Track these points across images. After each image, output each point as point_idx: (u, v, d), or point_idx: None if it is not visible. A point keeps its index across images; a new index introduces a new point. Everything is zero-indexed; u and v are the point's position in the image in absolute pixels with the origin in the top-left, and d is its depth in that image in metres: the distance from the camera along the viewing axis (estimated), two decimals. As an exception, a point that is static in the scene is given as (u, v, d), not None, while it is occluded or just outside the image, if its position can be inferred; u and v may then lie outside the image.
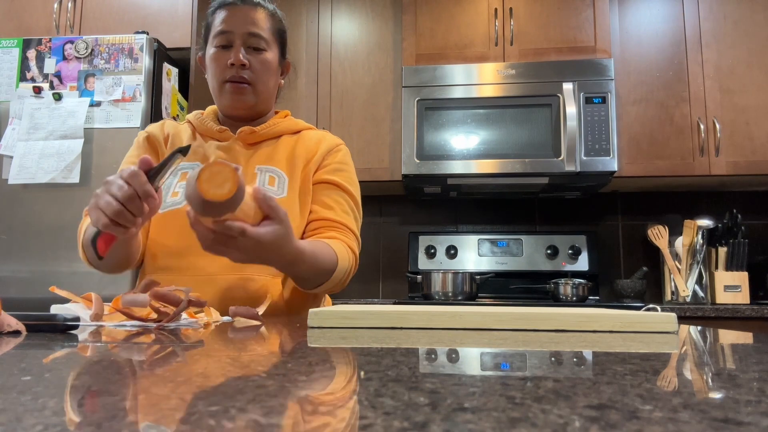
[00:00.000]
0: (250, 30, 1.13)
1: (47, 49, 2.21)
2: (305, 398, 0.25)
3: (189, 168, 1.14)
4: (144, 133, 1.21)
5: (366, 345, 0.49)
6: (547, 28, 2.52)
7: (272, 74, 1.18)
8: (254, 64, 1.13)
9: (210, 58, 1.15)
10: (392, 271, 2.83)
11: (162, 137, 1.20)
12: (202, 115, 1.22)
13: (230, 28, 1.12)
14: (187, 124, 1.22)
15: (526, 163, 2.37)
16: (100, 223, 0.84)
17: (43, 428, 0.19)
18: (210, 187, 0.74)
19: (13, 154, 2.12)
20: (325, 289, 1.09)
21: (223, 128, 1.17)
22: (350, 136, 2.59)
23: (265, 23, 1.15)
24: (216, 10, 1.16)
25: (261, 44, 1.14)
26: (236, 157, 1.15)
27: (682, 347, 0.50)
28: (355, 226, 1.17)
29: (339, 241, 1.10)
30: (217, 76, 1.14)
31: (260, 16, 1.15)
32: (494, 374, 0.33)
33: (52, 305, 0.78)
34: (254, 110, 1.18)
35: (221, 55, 1.13)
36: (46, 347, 0.46)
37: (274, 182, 1.12)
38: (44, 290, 1.96)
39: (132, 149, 1.21)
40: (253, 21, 1.13)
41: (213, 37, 1.15)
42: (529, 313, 0.69)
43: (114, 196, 0.84)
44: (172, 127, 1.21)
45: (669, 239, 2.48)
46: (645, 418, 0.21)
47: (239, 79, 1.13)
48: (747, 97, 2.43)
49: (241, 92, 1.14)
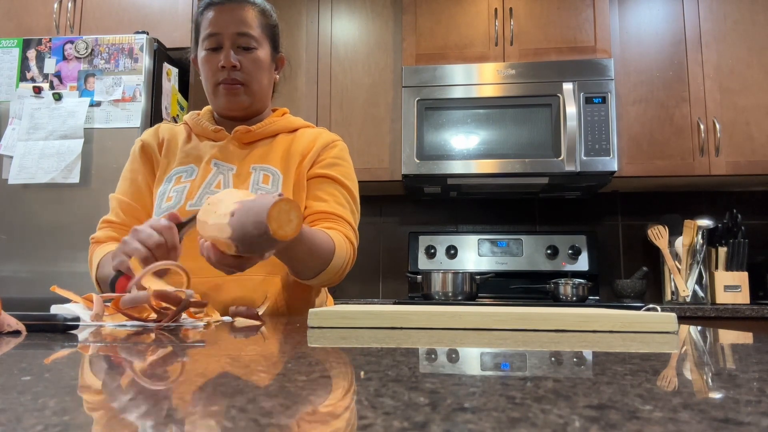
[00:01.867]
0: (239, 30, 1.11)
1: (47, 49, 2.21)
2: (305, 398, 0.25)
3: (183, 171, 1.13)
4: (138, 142, 1.20)
5: (366, 345, 0.49)
6: (547, 28, 2.52)
7: (265, 72, 1.17)
8: (245, 65, 1.12)
9: (201, 61, 1.15)
10: (392, 271, 2.83)
11: (156, 144, 1.19)
12: (198, 115, 1.21)
13: (218, 29, 1.11)
14: (184, 125, 1.22)
15: (526, 163, 2.37)
16: (124, 266, 0.86)
17: (43, 428, 0.19)
18: (279, 226, 0.73)
19: (13, 154, 2.12)
20: (324, 280, 1.06)
21: (218, 128, 1.16)
22: (350, 136, 2.59)
23: (253, 20, 1.14)
24: (203, 11, 1.15)
25: (251, 43, 1.13)
26: (231, 156, 1.14)
27: (682, 347, 0.50)
28: (352, 218, 1.15)
29: (336, 231, 1.08)
30: (210, 79, 1.14)
31: (248, 13, 1.13)
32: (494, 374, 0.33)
33: (52, 305, 0.78)
34: (250, 110, 1.18)
35: (212, 57, 1.12)
36: (46, 347, 0.46)
37: (268, 180, 1.11)
38: (44, 290, 1.96)
39: (128, 163, 1.20)
40: (241, 20, 1.12)
41: (202, 39, 1.14)
42: (529, 313, 0.69)
43: (143, 242, 0.86)
44: (167, 131, 1.21)
45: (669, 239, 2.48)
46: (645, 418, 0.21)
47: (231, 81, 1.12)
48: (747, 97, 2.43)
49: (235, 93, 1.13)
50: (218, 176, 1.11)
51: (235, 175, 1.11)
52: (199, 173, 1.12)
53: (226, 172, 1.12)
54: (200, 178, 1.11)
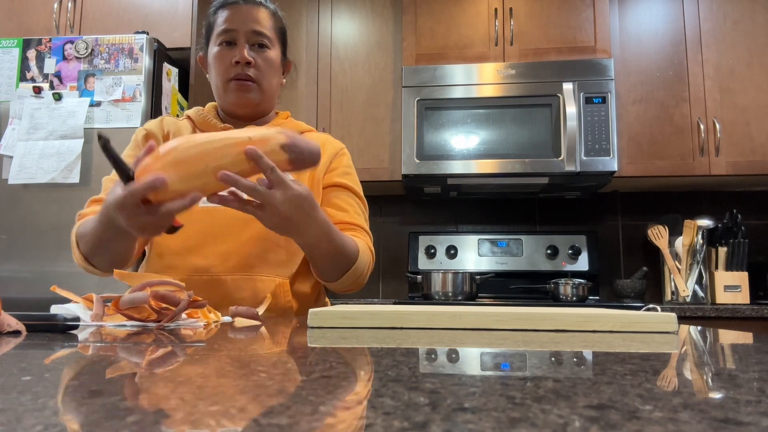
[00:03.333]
0: (254, 28, 1.13)
1: (47, 49, 2.21)
2: (305, 398, 0.25)
3: None
4: (143, 130, 1.19)
5: (366, 345, 0.49)
6: (547, 28, 2.52)
7: (276, 72, 1.18)
8: (259, 62, 1.13)
9: (213, 57, 1.15)
10: (392, 271, 2.83)
11: (161, 135, 1.18)
12: (202, 110, 1.21)
13: (234, 26, 1.12)
14: (187, 120, 1.21)
15: (526, 163, 2.37)
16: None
17: (43, 428, 0.19)
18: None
19: (13, 154, 2.12)
20: (347, 283, 1.08)
21: (227, 125, 1.16)
22: (350, 136, 2.59)
23: (267, 22, 1.15)
24: (218, 10, 1.16)
25: (265, 42, 1.14)
26: None
27: (682, 347, 0.50)
28: (368, 228, 1.19)
29: (359, 239, 1.11)
30: (222, 75, 1.14)
31: (263, 14, 1.15)
32: (494, 374, 0.33)
33: (52, 305, 0.78)
34: (258, 108, 1.18)
35: (226, 53, 1.13)
36: (46, 347, 0.46)
37: None
38: (44, 290, 1.96)
39: (130, 148, 1.19)
40: (256, 19, 1.13)
41: (216, 35, 1.14)
42: (529, 313, 0.69)
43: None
44: (171, 123, 1.20)
45: (669, 239, 2.48)
46: (645, 418, 0.21)
47: (245, 77, 1.12)
48: (747, 97, 2.43)
49: (246, 90, 1.13)
50: None
51: None
52: None
53: None
54: None
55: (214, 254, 1.07)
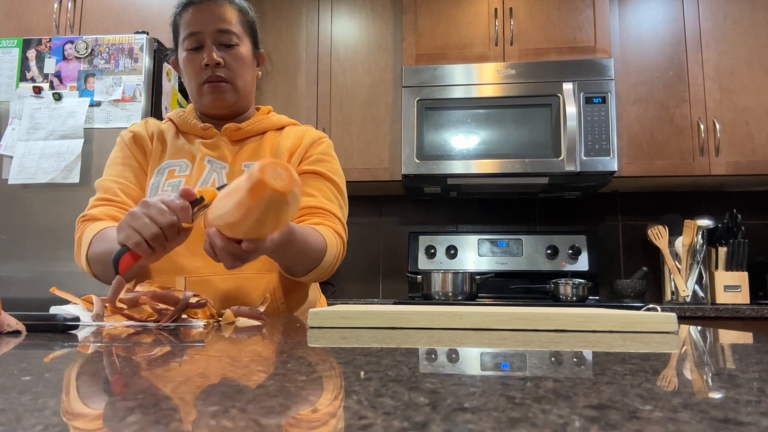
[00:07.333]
0: (220, 27, 1.10)
1: (47, 49, 2.21)
2: (305, 398, 0.25)
3: (176, 165, 1.13)
4: (128, 132, 1.19)
5: (366, 345, 0.49)
6: (547, 28, 2.52)
7: (248, 68, 1.16)
8: (229, 61, 1.12)
9: (183, 62, 1.13)
10: (392, 271, 2.83)
11: (147, 135, 1.18)
12: (183, 112, 1.20)
13: (199, 28, 1.10)
14: (169, 122, 1.20)
15: (526, 163, 2.37)
16: (131, 242, 0.81)
17: (43, 428, 0.19)
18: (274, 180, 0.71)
19: (13, 154, 2.12)
20: (315, 276, 1.06)
21: (207, 125, 1.15)
22: (350, 136, 2.59)
23: (233, 17, 1.13)
24: (181, 12, 1.13)
25: (232, 40, 1.12)
26: (224, 153, 1.13)
27: (682, 347, 0.50)
28: (340, 212, 1.14)
29: (325, 227, 1.08)
30: (194, 79, 1.13)
31: (227, 11, 1.12)
32: (494, 374, 0.33)
33: (51, 306, 0.78)
34: (235, 107, 1.17)
35: (194, 57, 1.11)
36: (46, 347, 0.46)
37: None
38: (44, 290, 1.96)
39: (117, 151, 1.18)
40: (221, 17, 1.11)
41: (183, 39, 1.13)
42: (529, 313, 0.69)
43: (154, 219, 0.81)
44: (155, 125, 1.20)
45: (669, 239, 2.48)
46: (645, 418, 0.21)
47: (216, 78, 1.11)
48: (747, 97, 2.43)
49: (220, 91, 1.12)
50: (212, 174, 1.11)
51: (228, 173, 1.12)
52: (194, 170, 1.12)
53: (219, 170, 1.12)
54: (196, 174, 1.11)
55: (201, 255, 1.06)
